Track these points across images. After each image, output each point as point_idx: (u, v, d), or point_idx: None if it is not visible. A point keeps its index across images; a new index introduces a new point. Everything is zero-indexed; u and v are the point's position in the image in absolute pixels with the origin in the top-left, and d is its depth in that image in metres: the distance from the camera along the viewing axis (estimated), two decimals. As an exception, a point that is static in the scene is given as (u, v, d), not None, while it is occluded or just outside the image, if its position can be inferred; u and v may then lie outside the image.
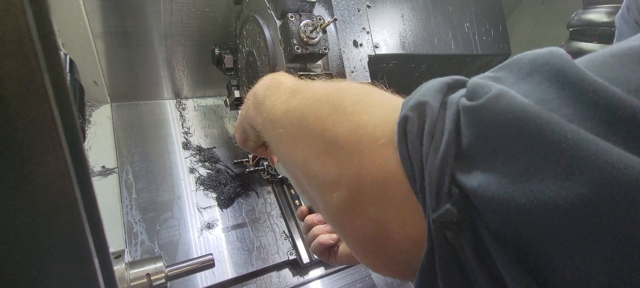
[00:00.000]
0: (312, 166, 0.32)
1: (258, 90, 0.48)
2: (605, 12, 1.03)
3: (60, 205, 0.22)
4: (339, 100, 0.31)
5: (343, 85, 0.36)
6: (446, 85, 0.25)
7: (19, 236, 0.22)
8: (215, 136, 1.35)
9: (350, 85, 0.36)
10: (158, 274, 0.61)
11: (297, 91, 0.39)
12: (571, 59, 0.19)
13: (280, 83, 0.45)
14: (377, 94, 0.33)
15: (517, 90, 0.19)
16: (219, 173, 1.23)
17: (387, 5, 1.11)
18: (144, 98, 1.35)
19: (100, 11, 1.10)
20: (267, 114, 0.43)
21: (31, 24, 0.19)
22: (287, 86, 0.42)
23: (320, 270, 1.14)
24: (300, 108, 0.35)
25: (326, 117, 0.31)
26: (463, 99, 0.21)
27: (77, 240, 0.24)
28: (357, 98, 0.31)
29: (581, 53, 1.11)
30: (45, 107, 0.20)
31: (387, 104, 0.30)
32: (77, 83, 0.67)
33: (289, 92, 0.40)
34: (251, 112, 0.49)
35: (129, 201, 1.07)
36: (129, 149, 1.19)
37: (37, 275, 0.24)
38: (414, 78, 1.24)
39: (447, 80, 0.26)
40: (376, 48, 1.05)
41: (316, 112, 0.32)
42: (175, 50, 1.29)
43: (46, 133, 0.20)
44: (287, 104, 0.38)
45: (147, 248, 1.01)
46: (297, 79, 0.46)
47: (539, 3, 1.66)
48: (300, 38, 0.86)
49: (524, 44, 1.72)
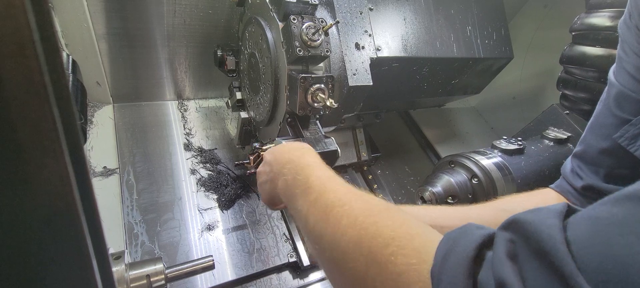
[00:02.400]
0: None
1: (285, 173, 0.53)
2: (608, 17, 1.03)
3: (59, 207, 0.22)
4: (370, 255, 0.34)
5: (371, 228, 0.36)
6: (472, 262, 0.27)
7: (17, 238, 0.22)
8: (216, 137, 1.35)
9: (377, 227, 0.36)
10: (158, 276, 0.61)
11: (327, 216, 0.41)
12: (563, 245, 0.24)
13: (307, 181, 0.48)
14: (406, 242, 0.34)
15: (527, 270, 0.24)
16: (220, 175, 1.23)
17: (389, 8, 1.11)
18: (146, 99, 1.35)
19: (103, 12, 1.10)
20: (299, 218, 0.46)
21: (33, 26, 0.19)
22: (315, 196, 0.45)
23: (320, 273, 1.14)
24: (337, 249, 0.37)
25: (363, 271, 0.34)
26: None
27: (75, 242, 0.24)
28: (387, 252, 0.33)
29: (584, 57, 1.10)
30: (46, 110, 0.20)
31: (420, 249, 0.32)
32: (80, 84, 0.67)
33: (319, 211, 0.42)
34: (281, 195, 0.54)
35: (129, 202, 1.08)
36: (130, 150, 1.20)
37: (35, 277, 0.24)
38: (416, 81, 1.24)
39: (472, 254, 0.28)
40: (378, 51, 1.05)
41: (352, 262, 0.35)
42: (178, 51, 1.30)
43: (46, 135, 0.20)
44: (320, 231, 0.41)
45: (147, 250, 1.01)
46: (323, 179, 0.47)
47: (541, 7, 1.66)
48: (303, 40, 0.86)
49: (526, 48, 1.71)
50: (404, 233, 0.34)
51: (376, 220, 0.36)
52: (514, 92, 1.79)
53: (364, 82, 1.00)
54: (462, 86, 1.42)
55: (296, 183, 0.50)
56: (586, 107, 1.16)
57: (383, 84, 1.12)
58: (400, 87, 1.24)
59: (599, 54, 1.05)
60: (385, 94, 1.24)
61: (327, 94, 0.89)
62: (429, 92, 1.34)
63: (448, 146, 1.69)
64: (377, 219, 0.36)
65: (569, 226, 0.25)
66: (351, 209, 0.39)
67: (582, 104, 1.17)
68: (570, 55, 1.14)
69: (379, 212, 0.37)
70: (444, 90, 1.38)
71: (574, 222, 0.25)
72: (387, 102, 1.36)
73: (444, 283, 0.26)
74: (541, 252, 0.24)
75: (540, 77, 1.68)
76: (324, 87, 0.88)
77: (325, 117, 0.99)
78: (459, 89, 1.43)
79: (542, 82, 1.66)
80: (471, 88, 1.50)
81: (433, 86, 1.31)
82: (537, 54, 1.68)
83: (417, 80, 1.23)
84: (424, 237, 0.33)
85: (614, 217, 0.23)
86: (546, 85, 1.62)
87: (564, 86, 1.22)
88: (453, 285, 0.26)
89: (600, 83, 1.08)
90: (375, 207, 0.38)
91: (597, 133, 0.53)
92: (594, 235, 0.23)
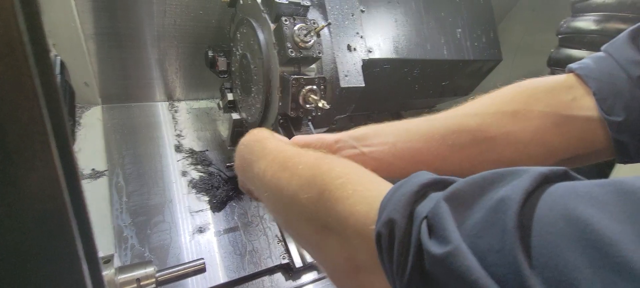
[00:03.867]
0: (309, 238, 0.38)
1: (243, 153, 0.54)
2: (593, 21, 1.06)
3: (49, 210, 0.22)
4: (323, 185, 0.35)
5: (324, 166, 0.38)
6: (414, 195, 0.27)
7: (7, 241, 0.21)
8: (207, 139, 1.34)
9: (331, 165, 0.38)
10: (148, 279, 0.61)
11: (285, 166, 0.42)
12: None
13: (263, 149, 0.49)
14: (355, 177, 0.36)
15: (472, 221, 0.22)
16: (212, 177, 1.22)
17: (380, 10, 1.12)
18: (135, 100, 1.34)
19: (91, 12, 1.09)
20: (257, 180, 0.47)
21: (22, 28, 0.18)
22: (273, 155, 0.46)
23: (313, 274, 1.14)
24: (292, 187, 0.39)
25: (315, 200, 0.35)
26: (425, 238, 0.24)
27: (66, 245, 0.24)
28: (338, 182, 0.34)
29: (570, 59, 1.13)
30: (35, 112, 0.20)
31: (366, 193, 0.33)
32: (68, 85, 0.66)
33: (277, 164, 0.44)
34: (241, 174, 0.55)
35: (119, 204, 1.06)
36: (119, 152, 1.18)
37: (24, 281, 0.24)
38: (407, 82, 1.25)
39: (415, 188, 0.28)
40: (370, 52, 1.06)
41: (306, 195, 0.37)
42: (168, 52, 1.28)
43: (36, 137, 0.20)
44: (277, 179, 0.42)
45: (137, 253, 0.99)
46: (280, 144, 0.50)
47: (529, 10, 1.69)
48: (295, 42, 0.86)
49: (515, 50, 1.75)
50: (356, 170, 0.36)
51: (331, 162, 0.38)
52: (502, 94, 1.82)
53: (355, 84, 1.01)
54: (452, 88, 1.44)
55: (253, 152, 0.51)
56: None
57: (375, 85, 1.12)
58: (392, 88, 1.26)
59: (584, 57, 1.08)
60: (377, 96, 1.25)
61: (319, 96, 0.89)
62: (420, 93, 1.36)
63: (439, 147, 1.71)
64: (332, 161, 0.38)
65: None
66: (308, 157, 0.41)
67: (568, 105, 1.20)
68: (557, 58, 1.17)
69: (335, 158, 0.39)
70: (434, 91, 1.40)
71: None
72: (378, 104, 1.37)
73: (387, 210, 0.27)
74: None
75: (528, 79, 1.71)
76: (316, 88, 0.88)
77: (318, 118, 1.00)
78: (450, 90, 1.45)
79: (529, 84, 1.69)
80: (461, 90, 1.52)
81: (424, 88, 1.32)
82: (525, 57, 1.72)
83: (408, 82, 1.25)
84: (374, 177, 0.35)
85: None
86: (534, 87, 1.65)
87: (550, 88, 1.24)
88: (394, 211, 0.26)
89: (586, 85, 1.11)
90: (331, 156, 0.41)
91: None
92: None
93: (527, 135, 0.44)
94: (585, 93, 0.42)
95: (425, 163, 0.49)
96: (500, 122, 0.45)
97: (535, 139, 0.44)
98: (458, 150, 0.47)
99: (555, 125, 0.43)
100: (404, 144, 0.51)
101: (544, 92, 0.46)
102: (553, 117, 0.43)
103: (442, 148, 0.48)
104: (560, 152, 0.43)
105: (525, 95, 0.46)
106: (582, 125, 0.42)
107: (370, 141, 0.53)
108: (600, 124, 0.41)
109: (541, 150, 0.44)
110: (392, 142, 0.52)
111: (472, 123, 0.47)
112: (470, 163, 0.47)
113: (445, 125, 0.49)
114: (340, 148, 0.56)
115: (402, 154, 0.50)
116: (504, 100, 0.48)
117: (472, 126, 0.47)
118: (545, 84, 0.47)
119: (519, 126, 0.44)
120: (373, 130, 0.55)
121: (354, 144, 0.55)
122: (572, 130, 0.42)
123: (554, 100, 0.44)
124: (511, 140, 0.44)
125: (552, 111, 0.43)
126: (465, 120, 0.48)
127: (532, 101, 0.45)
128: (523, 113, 0.44)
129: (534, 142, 0.44)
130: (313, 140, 0.61)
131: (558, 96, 0.44)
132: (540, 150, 0.44)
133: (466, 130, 0.47)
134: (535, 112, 0.44)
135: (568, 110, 0.43)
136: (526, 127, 0.44)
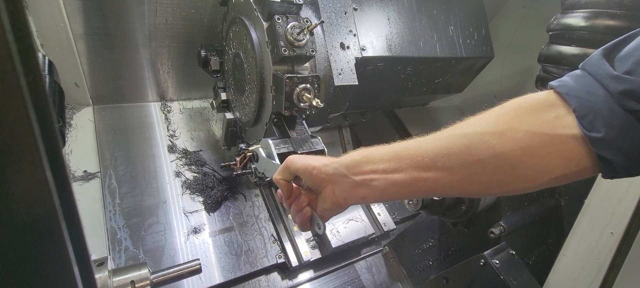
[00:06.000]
0: None
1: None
2: (583, 17, 1.07)
3: (38, 214, 0.21)
4: None
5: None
6: None
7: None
8: (201, 139, 1.33)
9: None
10: (143, 281, 0.60)
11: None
12: None
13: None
14: None
15: None
16: (206, 177, 1.21)
17: (373, 8, 1.12)
18: (127, 100, 1.32)
19: (81, 11, 1.07)
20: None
21: (6, 26, 0.18)
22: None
23: (309, 273, 1.14)
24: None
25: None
26: None
27: (56, 249, 0.23)
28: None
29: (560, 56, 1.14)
30: (22, 112, 0.19)
31: None
32: (57, 85, 0.65)
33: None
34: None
35: (112, 206, 1.05)
36: (112, 153, 1.16)
37: (14, 285, 0.23)
38: (401, 80, 1.25)
39: None
40: (363, 50, 1.06)
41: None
42: (160, 51, 1.27)
43: (23, 139, 0.19)
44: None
45: (131, 255, 0.98)
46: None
47: (520, 7, 1.71)
48: (288, 40, 0.86)
49: (506, 47, 1.76)
50: None
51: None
52: (494, 91, 1.84)
53: (349, 82, 1.01)
54: (445, 85, 1.45)
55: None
56: (563, 104, 1.20)
57: (368, 83, 1.13)
58: (386, 86, 1.26)
59: (574, 53, 1.10)
60: (370, 94, 1.25)
61: (313, 94, 0.89)
62: (414, 91, 1.36)
63: (433, 144, 1.72)
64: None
65: None
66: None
67: (559, 101, 1.21)
68: (547, 55, 1.18)
69: None
70: (427, 89, 1.40)
71: None
72: (372, 102, 1.37)
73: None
74: None
75: (519, 75, 1.73)
76: (309, 87, 0.88)
77: (312, 117, 1.00)
78: (442, 87, 1.46)
79: (521, 81, 1.71)
80: (454, 87, 1.53)
81: (417, 85, 1.33)
82: (517, 53, 1.74)
83: (401, 79, 1.25)
84: None
85: None
86: (525, 83, 1.67)
87: (542, 84, 1.26)
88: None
89: (576, 81, 1.12)
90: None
91: None
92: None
93: (515, 157, 0.44)
94: (566, 111, 0.43)
95: (416, 188, 0.51)
96: (488, 144, 0.46)
97: (523, 161, 0.44)
98: (448, 173, 0.48)
99: (542, 145, 0.44)
100: (395, 171, 0.52)
101: (528, 111, 0.46)
102: (539, 137, 0.44)
103: (433, 172, 0.49)
104: (549, 171, 0.44)
105: (509, 116, 0.47)
106: (567, 143, 0.43)
107: (361, 169, 0.54)
108: (583, 141, 0.42)
109: (531, 172, 0.45)
110: (382, 168, 0.52)
111: (461, 145, 0.48)
112: (461, 185, 0.48)
113: (434, 148, 0.50)
114: (331, 179, 0.56)
115: (394, 180, 0.52)
116: (490, 121, 0.48)
117: (461, 149, 0.47)
118: (528, 104, 0.47)
119: (507, 147, 0.45)
120: (363, 157, 0.55)
121: (344, 173, 0.55)
122: (559, 149, 0.43)
123: (538, 119, 0.44)
124: (498, 162, 0.45)
125: (538, 131, 0.44)
126: (453, 141, 0.49)
127: (517, 122, 0.45)
128: (509, 134, 0.45)
129: (522, 163, 0.44)
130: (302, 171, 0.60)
131: (541, 115, 0.45)
132: (530, 172, 0.45)
133: (455, 153, 0.48)
134: (521, 132, 0.44)
135: (552, 129, 0.43)
136: (514, 148, 0.44)
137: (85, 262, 0.27)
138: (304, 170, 0.58)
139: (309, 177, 0.58)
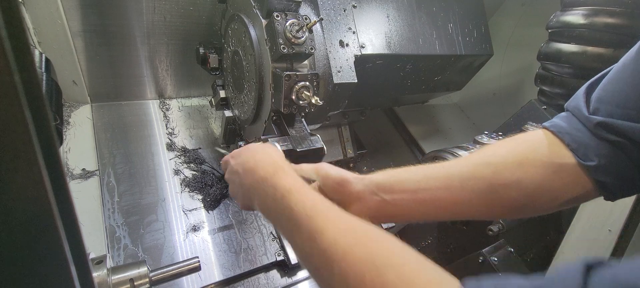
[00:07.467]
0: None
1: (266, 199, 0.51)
2: (582, 14, 1.07)
3: (33, 212, 0.21)
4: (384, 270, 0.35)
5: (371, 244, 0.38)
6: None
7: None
8: (200, 137, 1.33)
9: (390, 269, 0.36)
10: (142, 279, 0.60)
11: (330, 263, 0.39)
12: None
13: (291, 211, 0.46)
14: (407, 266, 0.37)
15: None
16: (205, 175, 1.21)
17: (372, 6, 1.12)
18: (125, 98, 1.32)
19: (79, 8, 1.06)
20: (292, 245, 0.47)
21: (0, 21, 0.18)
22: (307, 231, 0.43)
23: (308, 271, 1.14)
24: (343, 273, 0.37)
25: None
26: None
27: (52, 247, 0.23)
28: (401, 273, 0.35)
29: (560, 53, 1.14)
30: (17, 111, 0.19)
31: None
32: (54, 83, 0.64)
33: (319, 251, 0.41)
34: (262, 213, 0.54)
35: (111, 204, 1.04)
36: (110, 151, 1.16)
37: (10, 283, 0.23)
38: (400, 78, 1.25)
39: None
40: (362, 48, 1.06)
41: None
42: (159, 49, 1.27)
43: (17, 137, 0.19)
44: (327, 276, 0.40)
45: (130, 253, 0.98)
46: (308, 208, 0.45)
47: (519, 5, 1.70)
48: (286, 37, 0.85)
49: (505, 45, 1.76)
50: None
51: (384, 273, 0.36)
52: (494, 88, 1.83)
53: (348, 80, 1.01)
54: (444, 83, 1.45)
55: (278, 210, 0.48)
56: (562, 102, 1.20)
57: (368, 81, 1.12)
58: (385, 84, 1.26)
59: (573, 51, 1.10)
60: (370, 91, 1.25)
61: (312, 92, 0.88)
62: (413, 88, 1.36)
63: (432, 142, 1.72)
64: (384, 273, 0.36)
65: None
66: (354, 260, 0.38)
67: (558, 99, 1.22)
68: (546, 52, 1.18)
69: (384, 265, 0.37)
70: (427, 86, 1.40)
71: None
72: (371, 99, 1.37)
73: None
74: None
75: (519, 73, 1.73)
76: (308, 84, 0.88)
77: (311, 114, 0.99)
78: (442, 85, 1.46)
79: (521, 78, 1.71)
80: (453, 84, 1.53)
81: (416, 83, 1.33)
82: (516, 51, 1.73)
83: (400, 77, 1.25)
84: None
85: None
86: (525, 81, 1.67)
87: (541, 82, 1.26)
88: None
89: (575, 79, 1.13)
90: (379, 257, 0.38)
91: None
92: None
93: (534, 183, 0.50)
94: (564, 146, 0.50)
95: (445, 209, 0.54)
96: (511, 170, 0.51)
97: (541, 187, 0.50)
98: (477, 195, 0.52)
99: (554, 172, 0.50)
100: (425, 191, 0.54)
101: (539, 143, 0.52)
102: (552, 166, 0.50)
103: (462, 194, 0.53)
104: (561, 196, 0.50)
105: (523, 148, 0.53)
106: (573, 170, 0.49)
107: (392, 188, 0.56)
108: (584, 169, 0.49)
109: (546, 197, 0.51)
110: (413, 189, 0.55)
111: (488, 171, 0.52)
112: (487, 208, 0.52)
113: (462, 173, 0.53)
114: (361, 197, 0.57)
115: (424, 200, 0.54)
116: (508, 151, 0.53)
117: (488, 174, 0.52)
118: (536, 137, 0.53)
119: (528, 174, 0.50)
120: (394, 178, 0.57)
121: (375, 191, 0.57)
122: (568, 176, 0.49)
123: (548, 150, 0.51)
124: (521, 187, 0.50)
125: (550, 161, 0.50)
126: (480, 168, 0.53)
127: (532, 152, 0.51)
128: (528, 162, 0.51)
129: (539, 189, 0.50)
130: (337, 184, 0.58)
131: (550, 147, 0.51)
132: (545, 197, 0.50)
133: (482, 178, 0.52)
134: (538, 161, 0.50)
135: (560, 158, 0.50)
136: (534, 175, 0.50)
137: (82, 260, 0.27)
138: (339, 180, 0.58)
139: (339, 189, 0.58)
